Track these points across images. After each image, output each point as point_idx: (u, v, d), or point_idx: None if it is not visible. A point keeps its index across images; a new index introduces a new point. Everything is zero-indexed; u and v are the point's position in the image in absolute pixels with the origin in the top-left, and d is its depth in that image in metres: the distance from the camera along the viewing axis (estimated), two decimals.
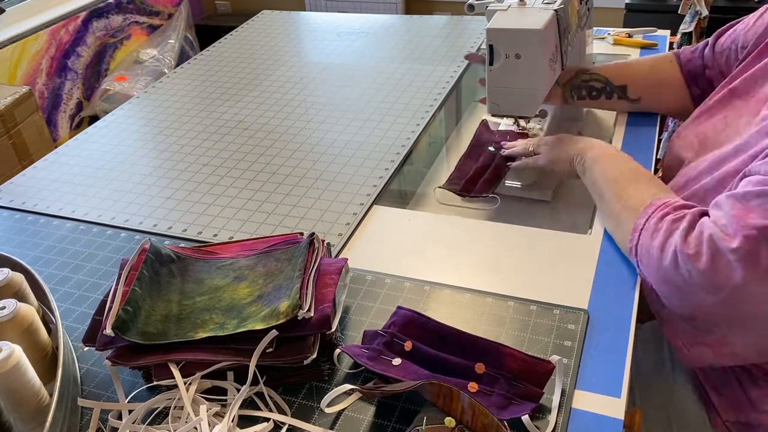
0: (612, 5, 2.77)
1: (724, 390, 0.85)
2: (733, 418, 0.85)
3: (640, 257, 0.76)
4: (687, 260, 0.69)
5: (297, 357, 0.67)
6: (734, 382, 0.84)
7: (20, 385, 0.63)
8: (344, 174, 1.06)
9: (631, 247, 0.77)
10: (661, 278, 0.73)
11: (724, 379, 0.85)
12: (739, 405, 0.84)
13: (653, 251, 0.73)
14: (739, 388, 0.84)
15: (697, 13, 1.66)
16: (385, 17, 1.74)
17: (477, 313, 0.77)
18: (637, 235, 0.77)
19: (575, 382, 0.67)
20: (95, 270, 0.90)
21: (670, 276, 0.71)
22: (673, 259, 0.70)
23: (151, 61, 2.98)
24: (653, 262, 0.73)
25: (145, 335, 0.69)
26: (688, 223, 0.72)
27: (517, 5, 0.95)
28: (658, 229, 0.74)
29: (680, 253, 0.70)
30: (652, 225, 0.75)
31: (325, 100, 1.31)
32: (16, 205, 1.06)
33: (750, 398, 0.83)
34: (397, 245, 0.90)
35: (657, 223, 0.75)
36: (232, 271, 0.78)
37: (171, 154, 1.17)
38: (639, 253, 0.76)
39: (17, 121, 2.11)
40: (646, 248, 0.75)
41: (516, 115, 1.03)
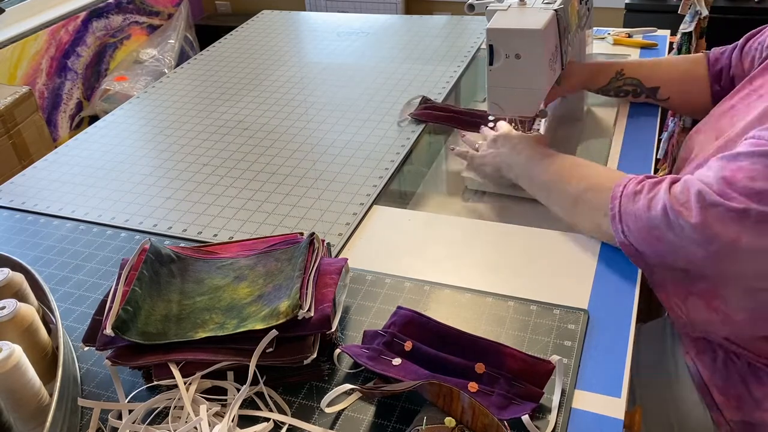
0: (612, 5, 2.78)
1: (728, 389, 0.85)
2: (737, 418, 0.84)
3: (625, 222, 0.77)
4: (677, 214, 0.70)
5: (297, 357, 0.67)
6: (738, 381, 0.84)
7: (20, 385, 0.63)
8: (344, 174, 1.06)
9: (613, 214, 0.78)
10: (652, 236, 0.74)
11: (727, 378, 0.85)
12: (743, 404, 0.84)
13: (639, 212, 0.75)
14: (743, 387, 0.84)
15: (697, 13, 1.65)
16: (385, 17, 1.74)
17: (477, 313, 0.77)
18: (617, 202, 0.78)
19: (575, 382, 0.67)
20: (95, 270, 0.90)
21: (662, 232, 0.72)
22: (663, 214, 0.72)
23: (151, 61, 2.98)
24: (642, 222, 0.74)
25: (145, 335, 0.69)
26: (670, 181, 0.74)
27: (517, 5, 0.95)
28: (639, 191, 0.76)
29: (670, 208, 0.71)
30: (630, 189, 0.77)
31: (325, 100, 1.31)
32: (16, 205, 1.06)
33: (754, 397, 0.83)
34: (397, 245, 0.90)
35: (635, 187, 0.77)
36: (232, 271, 0.79)
37: (171, 154, 1.17)
38: (623, 218, 0.77)
39: (17, 121, 2.11)
40: (630, 211, 0.76)
41: (516, 115, 1.03)
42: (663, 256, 0.74)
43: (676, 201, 0.71)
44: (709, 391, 0.87)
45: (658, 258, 0.75)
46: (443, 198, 1.10)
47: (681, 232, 0.70)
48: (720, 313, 0.77)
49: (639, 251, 0.77)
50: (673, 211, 0.71)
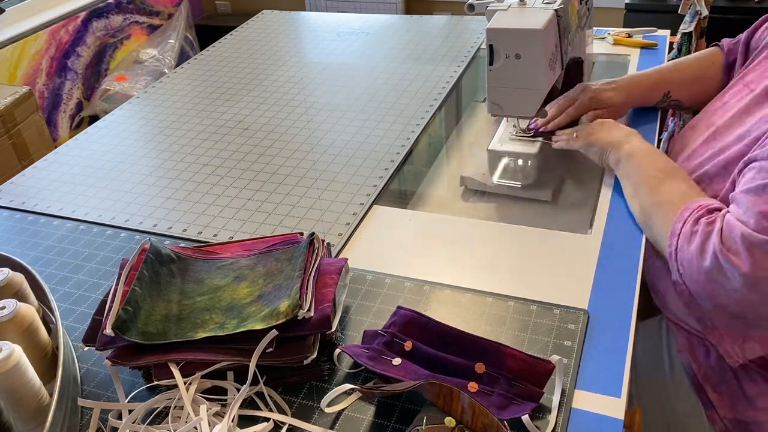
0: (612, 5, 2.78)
1: (722, 387, 0.86)
2: (730, 415, 0.85)
3: (680, 262, 0.76)
4: (727, 260, 0.70)
5: (297, 357, 0.67)
6: (732, 380, 0.85)
7: (20, 385, 0.63)
8: (344, 174, 1.06)
9: (671, 252, 0.78)
10: (704, 281, 0.73)
11: (721, 377, 0.86)
12: (737, 402, 0.84)
13: (692, 255, 0.74)
14: (737, 386, 0.84)
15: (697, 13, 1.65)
16: (385, 17, 1.74)
17: (477, 313, 0.77)
18: (675, 241, 0.77)
19: (575, 382, 0.67)
20: (95, 270, 0.90)
21: (714, 277, 0.72)
22: (714, 260, 0.71)
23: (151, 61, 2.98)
24: (694, 266, 0.74)
25: (145, 335, 0.69)
26: (721, 223, 0.73)
27: (517, 5, 0.95)
28: (694, 232, 0.75)
29: (720, 253, 0.71)
30: (688, 229, 0.76)
31: (325, 100, 1.31)
32: (16, 205, 1.06)
33: (747, 396, 0.83)
34: (397, 245, 0.90)
35: (692, 227, 0.76)
36: (232, 271, 0.79)
37: (171, 154, 1.17)
38: (679, 258, 0.76)
39: (17, 121, 2.11)
40: (685, 253, 0.75)
41: (516, 115, 1.03)
42: (717, 300, 0.73)
43: (726, 246, 0.71)
44: (703, 389, 0.87)
45: (712, 301, 0.74)
46: (443, 198, 1.10)
47: (733, 278, 0.70)
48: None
49: (692, 293, 0.76)
50: (724, 257, 0.70)
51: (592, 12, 1.19)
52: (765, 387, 0.82)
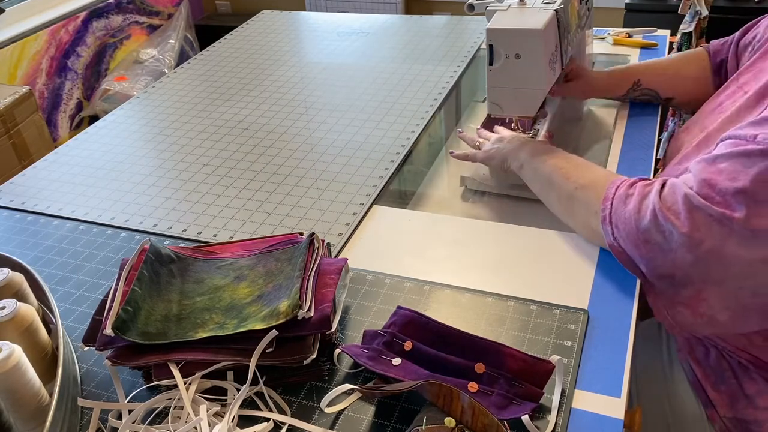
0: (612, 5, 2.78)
1: (721, 386, 0.86)
2: (730, 414, 0.85)
3: (615, 224, 0.77)
4: (666, 218, 0.70)
5: (297, 357, 0.67)
6: (731, 379, 0.85)
7: (20, 385, 0.63)
8: (344, 174, 1.06)
9: (604, 216, 0.78)
10: (640, 239, 0.74)
11: (721, 376, 0.86)
12: (736, 401, 0.84)
13: (629, 214, 0.75)
14: (736, 385, 0.84)
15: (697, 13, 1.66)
16: (385, 17, 1.74)
17: (477, 313, 0.77)
18: (608, 204, 0.78)
19: (575, 382, 0.67)
20: (95, 270, 0.90)
21: (650, 235, 0.72)
22: (652, 218, 0.72)
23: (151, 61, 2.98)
24: (631, 225, 0.74)
25: (145, 335, 0.69)
26: (660, 185, 0.74)
27: (517, 5, 0.95)
28: (630, 194, 0.76)
29: (659, 211, 0.71)
30: (622, 192, 0.77)
31: (325, 100, 1.31)
32: (16, 205, 1.06)
33: (747, 394, 0.83)
34: (397, 245, 0.90)
35: (627, 190, 0.77)
36: (232, 271, 0.79)
37: (171, 154, 1.17)
38: (613, 220, 0.77)
39: (17, 121, 2.11)
40: (621, 213, 0.76)
41: (516, 115, 1.03)
42: (651, 259, 0.74)
43: (665, 205, 0.71)
44: (703, 388, 0.87)
45: (646, 261, 0.75)
46: (443, 198, 1.10)
47: (670, 237, 0.70)
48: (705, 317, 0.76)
49: (628, 254, 0.76)
50: (662, 215, 0.71)
51: (592, 12, 1.19)
52: (764, 386, 0.82)
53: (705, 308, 0.75)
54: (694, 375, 0.89)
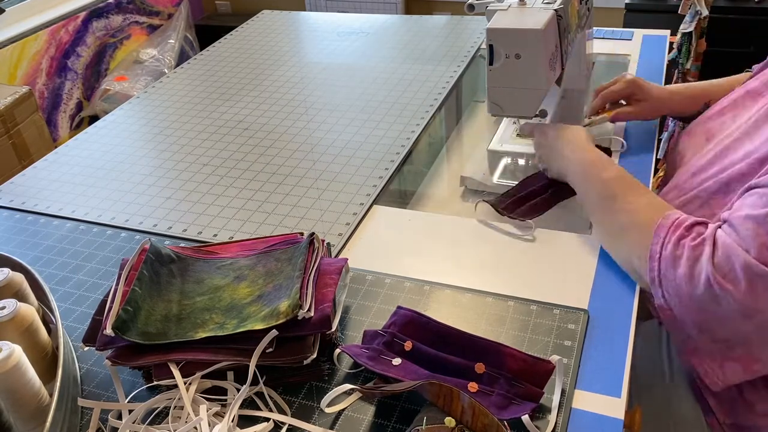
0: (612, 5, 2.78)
1: (721, 392, 0.85)
2: (729, 420, 0.84)
3: (665, 288, 0.72)
4: (722, 288, 0.67)
5: (297, 357, 0.67)
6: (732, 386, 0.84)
7: (20, 385, 0.63)
8: (344, 174, 1.06)
9: (653, 277, 0.74)
10: (694, 308, 0.70)
11: None
12: (736, 407, 0.84)
13: (680, 281, 0.70)
14: (736, 391, 0.84)
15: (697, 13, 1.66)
16: (385, 17, 1.74)
17: (477, 313, 0.77)
18: (656, 265, 0.73)
19: (575, 382, 0.67)
20: (95, 270, 0.90)
21: (705, 305, 0.69)
22: (707, 287, 0.68)
23: (151, 61, 2.98)
24: (683, 292, 0.70)
25: (145, 335, 0.69)
26: (711, 247, 0.70)
27: (517, 5, 0.95)
28: (678, 256, 0.71)
29: (713, 280, 0.68)
30: (669, 252, 0.72)
31: (325, 100, 1.31)
32: (16, 205, 1.06)
33: (746, 401, 0.83)
34: (397, 245, 0.90)
35: (675, 250, 0.72)
36: (232, 271, 0.79)
37: (171, 154, 1.17)
38: (663, 284, 0.72)
39: (17, 121, 2.11)
40: (671, 279, 0.72)
41: (516, 115, 1.03)
42: (704, 323, 0.71)
43: (720, 273, 0.68)
44: (703, 394, 0.87)
45: (699, 326, 0.72)
46: (443, 198, 1.10)
47: (728, 306, 0.68)
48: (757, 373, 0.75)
49: (677, 317, 0.73)
50: (718, 284, 0.68)
51: (592, 12, 1.19)
52: (765, 392, 0.82)
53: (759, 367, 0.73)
54: (694, 380, 0.88)
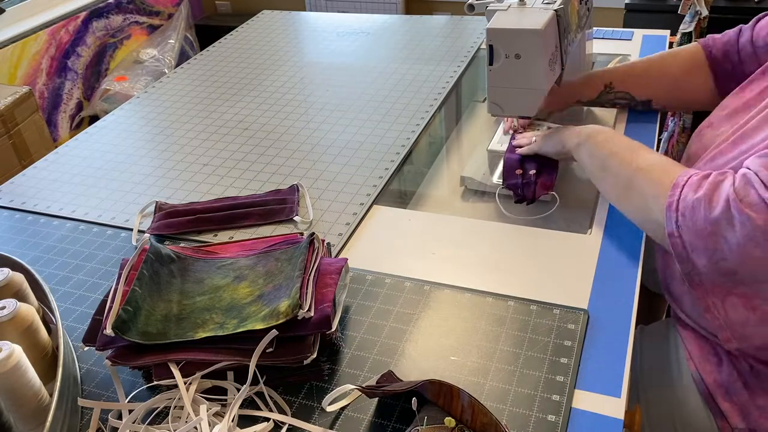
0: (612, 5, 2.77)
1: (733, 397, 0.84)
2: (742, 425, 0.83)
3: (681, 211, 0.73)
4: (740, 210, 0.68)
5: (297, 357, 0.67)
6: (742, 389, 0.83)
7: (20, 384, 0.63)
8: (344, 174, 1.06)
9: (671, 201, 0.74)
10: (708, 230, 0.70)
11: (732, 386, 0.84)
12: (749, 412, 0.83)
13: (698, 202, 0.71)
14: (747, 395, 0.83)
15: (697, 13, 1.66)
16: (385, 17, 1.74)
17: (477, 313, 0.77)
18: (679, 191, 0.74)
19: (575, 382, 0.67)
20: (95, 270, 0.90)
21: (719, 227, 0.69)
22: (725, 208, 0.69)
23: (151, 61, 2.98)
24: (699, 214, 0.71)
25: (145, 335, 0.69)
26: (732, 177, 0.71)
27: (517, 5, 0.95)
28: (702, 184, 0.72)
29: (733, 201, 0.68)
30: (695, 180, 0.73)
31: (325, 100, 1.31)
32: (16, 205, 1.06)
33: (758, 405, 0.82)
34: (397, 245, 0.90)
35: (700, 180, 0.73)
36: (232, 271, 0.79)
37: (171, 154, 1.17)
38: (680, 207, 0.73)
39: (17, 121, 2.11)
40: (689, 200, 0.72)
41: (516, 116, 1.03)
42: (715, 252, 0.71)
43: (739, 196, 0.68)
44: (713, 398, 0.86)
45: (708, 254, 0.72)
46: (443, 198, 1.10)
47: (741, 229, 0.68)
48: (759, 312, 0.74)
49: (686, 246, 0.73)
50: (737, 206, 0.68)
51: (592, 12, 1.19)
52: None
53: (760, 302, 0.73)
54: (704, 385, 0.87)
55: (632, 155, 0.84)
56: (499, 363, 0.70)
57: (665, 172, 0.78)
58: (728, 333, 0.79)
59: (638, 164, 0.82)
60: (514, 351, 0.71)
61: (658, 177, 0.78)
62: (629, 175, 0.82)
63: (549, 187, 0.98)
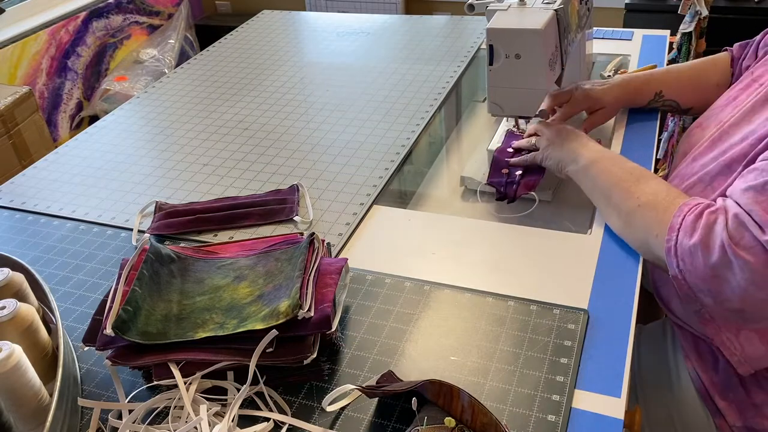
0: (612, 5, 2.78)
1: (730, 395, 0.84)
2: (739, 423, 0.84)
3: (681, 257, 0.73)
4: (736, 255, 0.68)
5: (297, 357, 0.67)
6: (739, 387, 0.84)
7: (20, 384, 0.63)
8: (344, 174, 1.06)
9: (669, 247, 0.75)
10: (710, 276, 0.71)
11: (728, 385, 0.84)
12: (745, 410, 0.83)
13: (695, 248, 0.72)
14: (744, 393, 0.83)
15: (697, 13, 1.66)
16: (385, 17, 1.74)
17: (477, 313, 0.77)
18: (675, 236, 0.74)
19: (575, 382, 0.67)
20: (95, 270, 0.90)
21: (719, 271, 0.70)
22: (721, 254, 0.69)
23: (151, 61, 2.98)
24: (698, 260, 0.71)
25: (145, 335, 0.69)
26: (724, 215, 0.71)
27: (517, 5, 0.95)
28: (696, 227, 0.73)
29: (728, 247, 0.69)
30: (689, 222, 0.74)
31: (325, 100, 1.31)
32: (16, 205, 1.06)
33: (755, 403, 0.82)
34: (397, 245, 0.90)
35: (694, 221, 0.73)
36: (232, 270, 0.79)
37: (171, 154, 1.17)
38: (679, 253, 0.74)
39: (17, 121, 2.11)
40: (686, 247, 0.73)
41: (516, 115, 1.03)
42: (719, 294, 0.72)
43: (734, 240, 0.69)
44: (711, 397, 0.86)
45: (714, 295, 0.72)
46: (443, 198, 1.10)
47: (741, 273, 0.69)
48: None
49: (691, 287, 0.74)
50: (732, 251, 0.69)
51: (592, 12, 1.19)
52: None
53: None
54: (702, 384, 0.87)
55: (633, 187, 0.83)
56: (499, 363, 0.70)
57: (665, 210, 0.78)
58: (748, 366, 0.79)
59: (639, 198, 0.81)
60: (514, 351, 0.71)
61: (658, 216, 0.78)
62: (630, 211, 0.82)
63: (531, 188, 0.98)
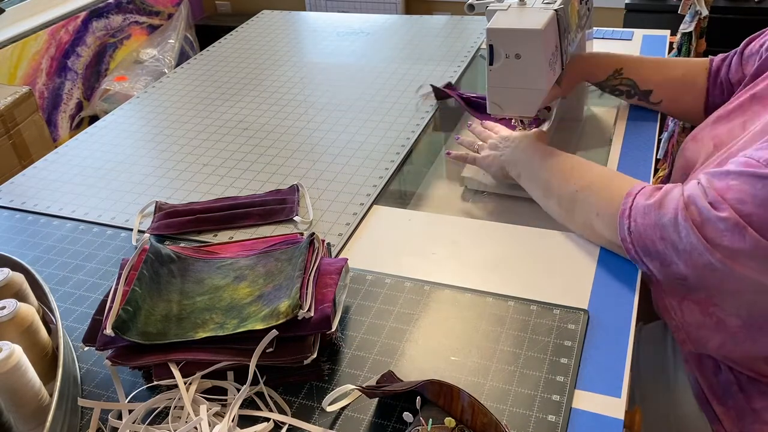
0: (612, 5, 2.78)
1: (728, 400, 0.84)
2: (737, 429, 0.84)
3: (633, 217, 0.76)
4: (685, 218, 0.70)
5: (297, 357, 0.67)
6: (737, 393, 0.83)
7: (20, 384, 0.63)
8: (344, 174, 1.06)
9: (624, 209, 0.77)
10: (657, 235, 0.73)
11: (727, 389, 0.84)
12: (743, 416, 0.83)
13: (650, 208, 0.74)
14: (743, 399, 0.83)
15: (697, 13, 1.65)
16: (385, 17, 1.74)
17: (477, 313, 0.77)
18: (631, 199, 0.77)
19: (575, 382, 0.67)
20: (95, 270, 0.90)
21: (667, 232, 0.72)
22: (674, 216, 0.71)
23: (151, 61, 2.98)
24: (650, 218, 0.74)
25: (145, 335, 0.69)
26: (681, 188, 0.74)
27: (517, 5, 0.95)
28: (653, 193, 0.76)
29: (680, 210, 0.71)
30: (649, 190, 0.77)
31: (325, 100, 1.31)
32: (16, 205, 1.06)
33: (754, 409, 0.82)
34: (397, 245, 0.90)
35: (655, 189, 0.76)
36: (232, 271, 0.79)
37: (171, 154, 1.17)
38: (632, 214, 0.76)
39: (17, 121, 2.11)
40: (642, 205, 0.75)
41: (516, 115, 1.03)
42: (664, 257, 0.74)
43: (687, 207, 0.71)
44: (709, 402, 0.86)
45: (660, 258, 0.74)
46: (443, 198, 1.10)
47: (686, 238, 0.70)
48: (714, 318, 0.76)
49: (638, 251, 0.76)
50: (683, 215, 0.70)
51: (592, 12, 1.19)
52: None
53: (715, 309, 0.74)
54: (700, 388, 0.87)
55: (571, 174, 0.87)
56: (499, 363, 0.70)
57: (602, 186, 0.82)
58: (684, 334, 0.81)
59: (578, 183, 0.85)
60: (514, 351, 0.72)
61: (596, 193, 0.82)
62: (570, 195, 0.86)
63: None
